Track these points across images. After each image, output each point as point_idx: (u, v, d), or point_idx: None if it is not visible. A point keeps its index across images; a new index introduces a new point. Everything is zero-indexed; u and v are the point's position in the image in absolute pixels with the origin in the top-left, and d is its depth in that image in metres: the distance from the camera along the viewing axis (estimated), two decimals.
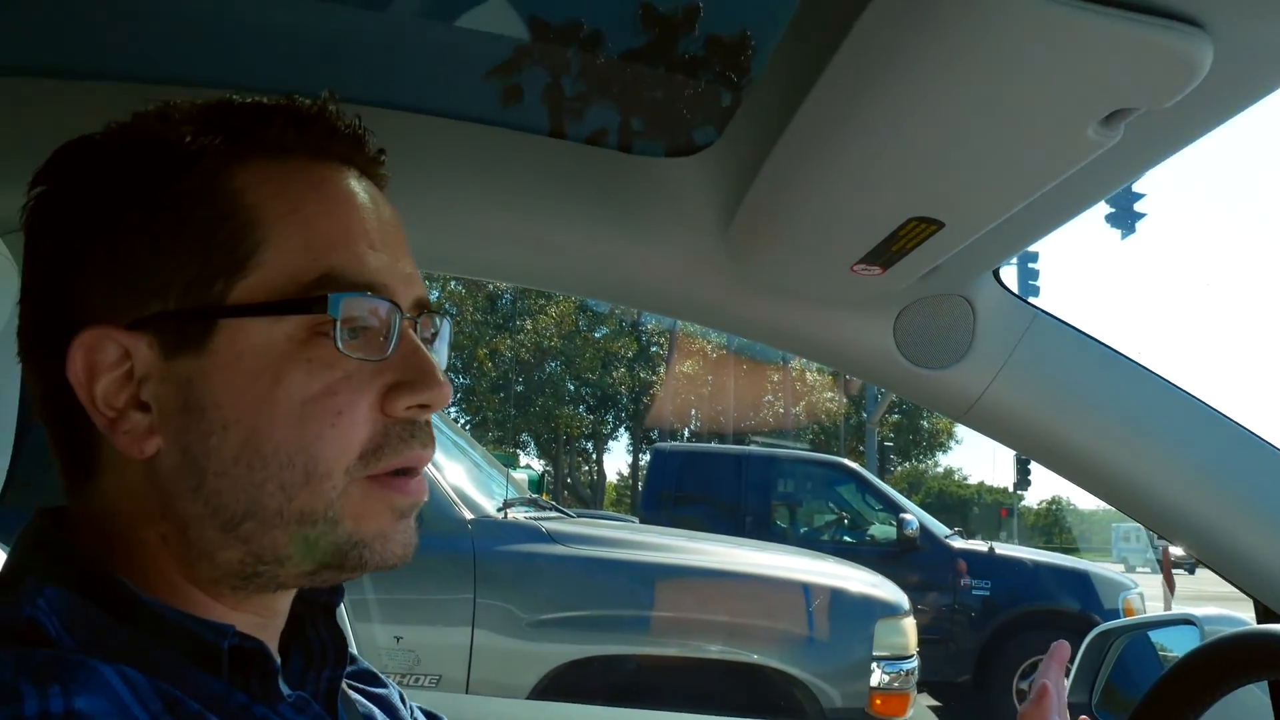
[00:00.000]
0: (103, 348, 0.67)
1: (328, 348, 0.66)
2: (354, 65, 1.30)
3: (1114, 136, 0.76)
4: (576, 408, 29.97)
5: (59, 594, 0.64)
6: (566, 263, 1.30)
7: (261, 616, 0.73)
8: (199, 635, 0.65)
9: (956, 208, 0.93)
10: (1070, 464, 1.31)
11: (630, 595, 4.21)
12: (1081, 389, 1.28)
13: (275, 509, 0.66)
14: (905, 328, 1.27)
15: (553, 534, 4.31)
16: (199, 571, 0.69)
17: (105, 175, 0.69)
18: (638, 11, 1.14)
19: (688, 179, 1.18)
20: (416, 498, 0.71)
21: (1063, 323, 1.29)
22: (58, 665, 0.59)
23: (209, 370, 0.66)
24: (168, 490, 0.67)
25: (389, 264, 0.71)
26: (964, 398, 1.29)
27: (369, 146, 0.74)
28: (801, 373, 29.99)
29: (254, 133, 0.70)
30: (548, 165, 1.23)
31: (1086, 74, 0.70)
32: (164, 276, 0.66)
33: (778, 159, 0.98)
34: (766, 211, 1.08)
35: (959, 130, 0.80)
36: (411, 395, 0.69)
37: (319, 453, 0.66)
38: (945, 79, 0.74)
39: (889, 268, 1.09)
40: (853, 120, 0.84)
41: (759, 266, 1.20)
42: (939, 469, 36.89)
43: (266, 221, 0.67)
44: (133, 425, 0.67)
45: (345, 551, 0.68)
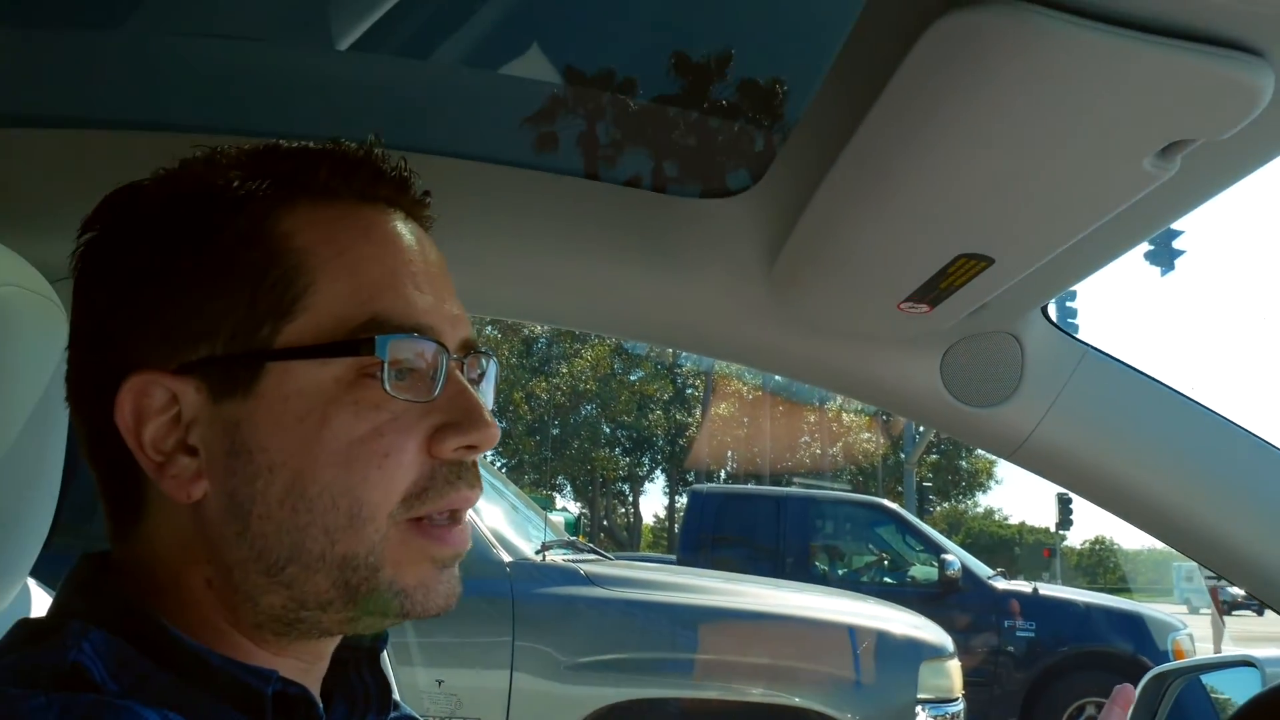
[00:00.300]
0: (150, 392, 0.67)
1: (375, 390, 0.66)
2: (392, 111, 1.31)
3: (1170, 169, 0.75)
4: (612, 450, 29.96)
5: (104, 638, 0.64)
6: (608, 305, 1.30)
7: (305, 661, 0.72)
8: (243, 681, 0.65)
9: (1008, 244, 0.92)
10: (1123, 502, 1.29)
11: (670, 638, 4.17)
12: (1134, 426, 1.26)
13: (318, 553, 0.66)
14: (952, 366, 1.26)
15: (591, 576, 4.29)
16: (243, 616, 0.68)
17: (153, 221, 0.69)
18: (676, 60, 1.15)
19: (730, 220, 1.17)
20: (457, 549, 0.70)
21: (1113, 359, 1.27)
22: (101, 709, 0.58)
23: (256, 413, 0.66)
24: (213, 534, 0.67)
25: (435, 306, 0.71)
26: (1013, 436, 1.27)
27: (414, 189, 0.74)
28: (838, 413, 29.83)
29: (301, 177, 0.70)
30: (588, 208, 1.23)
31: (1144, 106, 0.68)
32: (212, 320, 0.67)
33: (822, 199, 0.98)
34: (811, 252, 1.07)
35: (1011, 166, 0.79)
36: (459, 436, 0.68)
37: (364, 495, 0.65)
38: (997, 113, 0.73)
39: (936, 305, 1.07)
40: (901, 159, 0.83)
41: (803, 307, 1.19)
42: (979, 509, 36.47)
43: (314, 265, 0.67)
44: (180, 469, 0.67)
45: (387, 600, 0.67)
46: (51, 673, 0.61)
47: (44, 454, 0.92)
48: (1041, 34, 0.64)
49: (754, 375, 29.71)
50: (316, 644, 0.72)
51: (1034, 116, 0.71)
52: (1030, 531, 35.03)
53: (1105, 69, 0.65)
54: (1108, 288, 55.65)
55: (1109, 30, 0.63)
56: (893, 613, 4.74)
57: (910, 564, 8.96)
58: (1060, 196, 0.82)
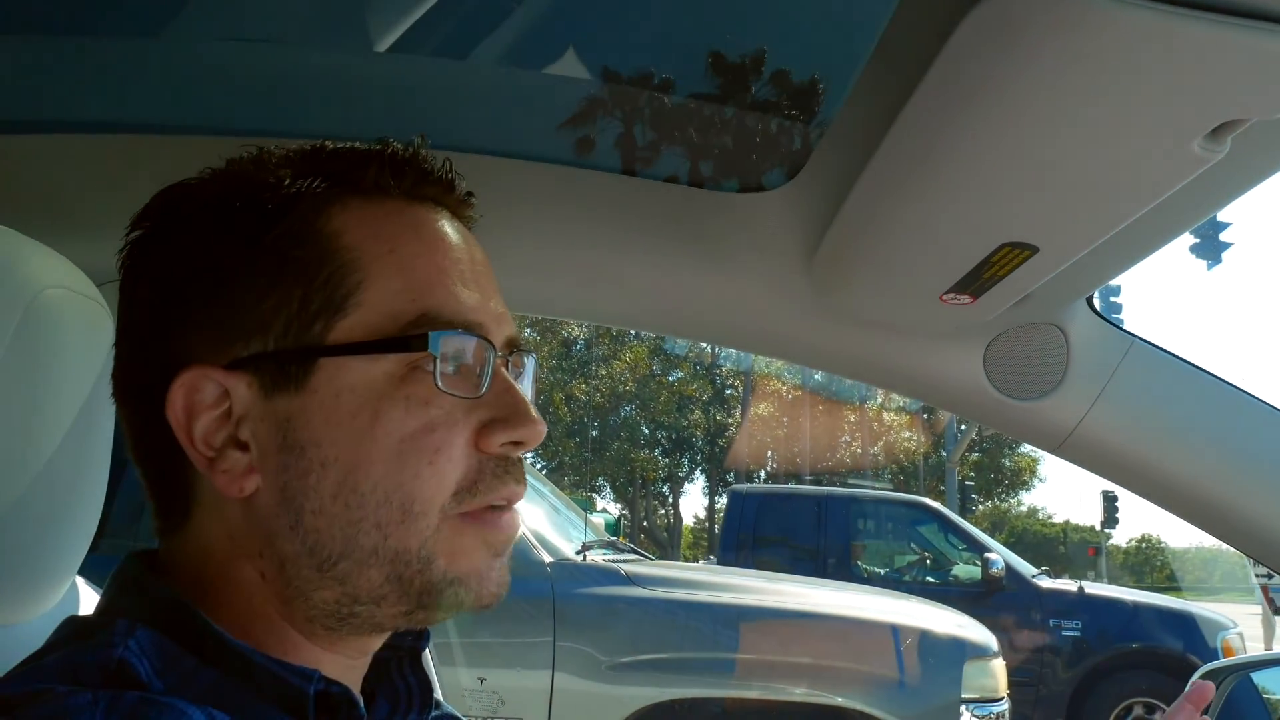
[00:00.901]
0: (202, 388, 0.67)
1: (426, 385, 0.66)
2: (431, 111, 1.32)
3: (1221, 150, 0.73)
4: (652, 451, 29.93)
5: (149, 636, 0.64)
6: (648, 302, 1.29)
7: (352, 658, 0.72)
8: (285, 679, 0.65)
9: (1052, 232, 0.91)
10: (1173, 495, 1.26)
11: (711, 637, 4.16)
12: (1183, 417, 1.24)
13: (371, 548, 0.66)
14: (996, 358, 1.24)
15: (632, 576, 4.29)
16: (295, 610, 0.69)
17: (202, 218, 0.70)
18: (713, 57, 1.14)
19: (770, 214, 1.17)
20: (510, 533, 0.71)
21: (1161, 349, 1.25)
22: (145, 706, 0.59)
23: (308, 409, 0.66)
24: (265, 529, 0.68)
25: (482, 303, 0.71)
26: (1059, 429, 1.25)
27: (459, 189, 0.75)
28: (879, 412, 29.64)
29: (350, 176, 0.71)
30: (628, 204, 1.23)
31: (1193, 85, 0.67)
32: (264, 317, 0.67)
33: (862, 191, 0.97)
34: (852, 244, 1.06)
35: (1056, 151, 0.78)
36: (506, 432, 0.69)
37: (416, 491, 0.66)
38: (1041, 98, 0.72)
39: (980, 296, 1.06)
40: (942, 148, 0.82)
41: (844, 299, 1.18)
42: (1022, 508, 36.09)
43: (365, 262, 0.68)
44: (231, 464, 0.67)
45: (441, 590, 0.68)
46: (98, 670, 0.62)
47: (91, 453, 0.93)
48: (1084, 13, 0.63)
49: (793, 374, 29.60)
50: (367, 640, 0.73)
51: (1078, 99, 0.70)
52: (1075, 530, 34.63)
53: (1152, 48, 0.64)
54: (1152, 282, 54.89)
55: (1154, 7, 0.62)
56: (936, 611, 4.70)
57: (953, 563, 8.88)
58: (1107, 182, 0.81)
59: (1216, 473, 1.23)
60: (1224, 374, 1.24)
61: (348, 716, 0.67)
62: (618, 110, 1.20)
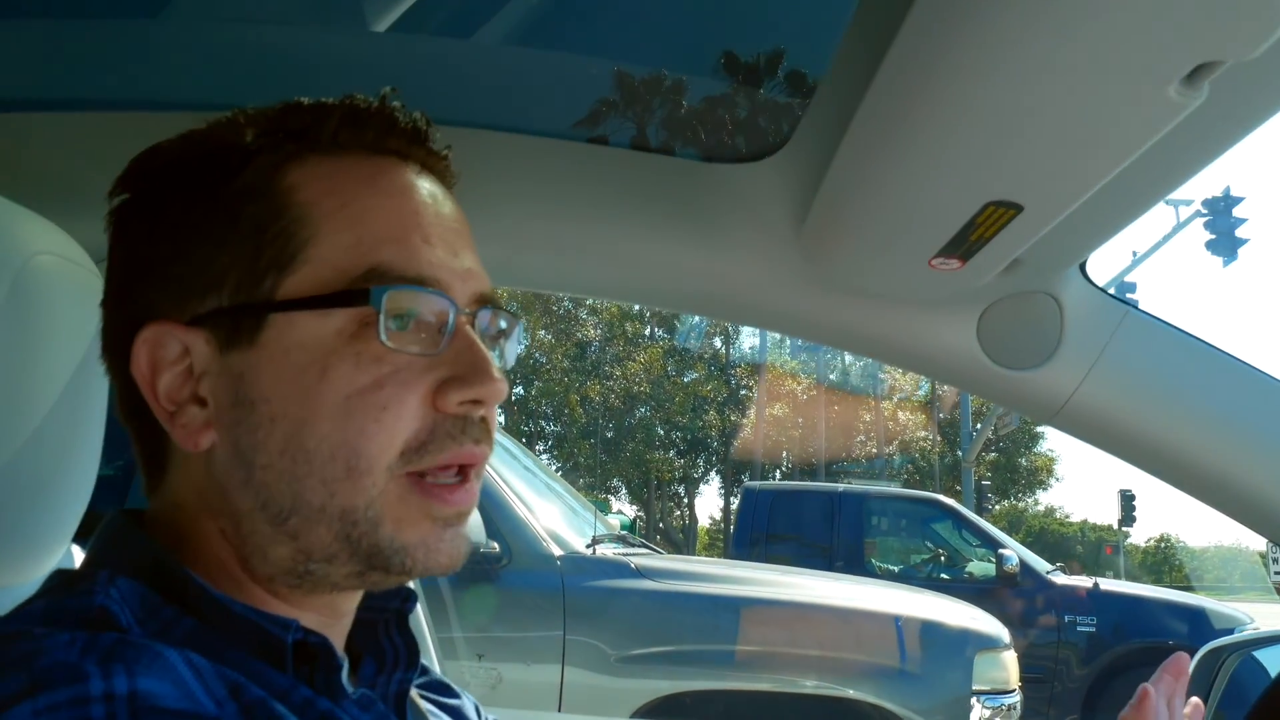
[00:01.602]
0: (164, 344, 0.69)
1: (377, 342, 0.66)
2: (427, 87, 1.33)
3: (1198, 96, 0.73)
4: (667, 452, 29.92)
5: (131, 586, 0.65)
6: (641, 273, 1.30)
7: (325, 617, 0.73)
8: (264, 629, 0.66)
9: (1036, 188, 0.90)
10: (1169, 465, 1.26)
11: (721, 629, 4.15)
12: (1179, 387, 1.23)
13: (318, 505, 0.66)
14: (989, 328, 1.24)
15: (641, 569, 4.29)
16: (255, 567, 0.69)
17: (167, 177, 0.71)
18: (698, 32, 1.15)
19: (760, 184, 1.17)
20: (460, 508, 0.69)
21: (1156, 319, 1.25)
22: (123, 647, 0.59)
23: (259, 364, 0.67)
24: (222, 482, 0.68)
25: (445, 259, 0.70)
26: (1053, 399, 1.25)
27: (430, 141, 0.74)
28: (894, 411, 29.57)
29: (311, 132, 0.71)
30: (617, 176, 1.24)
31: (1165, 27, 0.67)
32: (220, 273, 0.68)
33: (846, 155, 0.97)
34: (839, 211, 1.06)
35: (1032, 103, 0.78)
36: (463, 390, 0.68)
37: (361, 447, 0.66)
38: (1013, 49, 0.72)
39: (968, 260, 1.06)
40: (920, 106, 0.82)
41: (834, 268, 1.18)
42: (1039, 507, 35.92)
43: (317, 217, 0.68)
44: (189, 419, 0.68)
45: (388, 556, 0.67)
46: (78, 615, 0.63)
47: (84, 419, 0.94)
48: None
49: (808, 374, 29.54)
50: (332, 599, 0.73)
51: (1049, 46, 0.70)
52: (1093, 529, 34.47)
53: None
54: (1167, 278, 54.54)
55: None
56: (947, 604, 4.68)
57: (967, 559, 8.85)
58: (1086, 133, 0.80)
59: (1214, 442, 1.22)
60: (1220, 343, 1.24)
61: (326, 667, 0.68)
62: (607, 84, 1.21)
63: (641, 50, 1.19)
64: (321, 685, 0.67)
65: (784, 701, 4.10)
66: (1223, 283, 66.43)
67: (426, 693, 0.88)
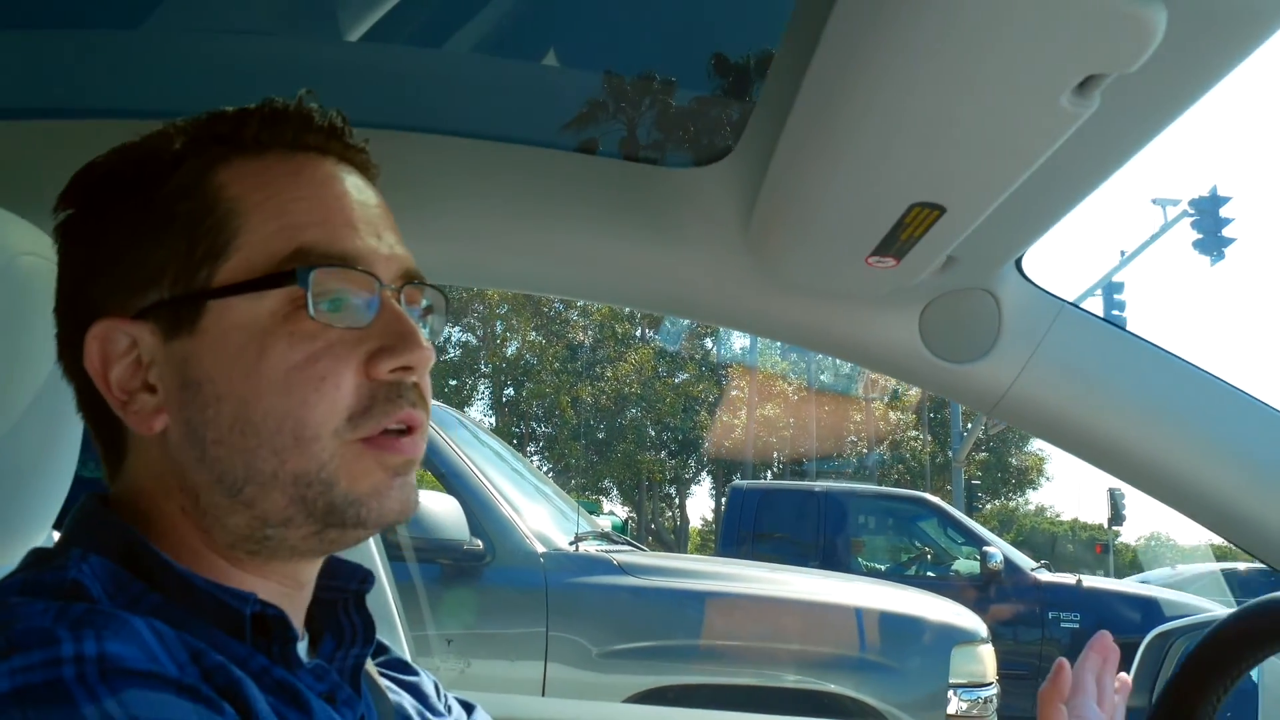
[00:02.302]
0: (113, 338, 0.75)
1: (308, 319, 0.72)
2: (403, 93, 1.38)
3: (1089, 106, 0.79)
4: (658, 453, 29.95)
5: (102, 562, 0.71)
6: (596, 272, 1.35)
7: (285, 586, 0.79)
8: (224, 601, 0.72)
9: (955, 191, 0.96)
10: (1102, 453, 1.32)
11: (703, 625, 4.21)
12: (1111, 378, 1.29)
13: (270, 472, 0.72)
14: (931, 323, 1.30)
15: (624, 565, 4.34)
16: (215, 538, 0.75)
17: (104, 187, 0.77)
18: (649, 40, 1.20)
19: (710, 187, 1.23)
20: (409, 455, 0.75)
21: (1089, 313, 1.31)
22: (92, 615, 0.65)
23: (201, 349, 0.73)
24: (178, 462, 0.74)
25: (368, 240, 0.76)
26: (993, 391, 1.31)
27: (346, 135, 0.80)
28: (885, 412, 29.65)
29: (234, 135, 0.77)
30: (573, 180, 1.29)
31: (1050, 42, 0.73)
32: (157, 268, 0.74)
33: (782, 159, 1.03)
34: (779, 211, 1.12)
35: (942, 111, 0.83)
36: (392, 358, 0.74)
37: (305, 417, 0.71)
38: (919, 61, 0.77)
39: (902, 258, 1.11)
40: (842, 112, 0.88)
41: (780, 267, 1.23)
42: (1029, 506, 36.01)
43: (245, 209, 0.74)
44: (141, 405, 0.74)
45: (343, 510, 0.73)
46: (53, 587, 0.69)
47: (64, 412, 0.99)
48: None
49: (798, 375, 29.60)
50: (294, 567, 0.79)
51: (951, 60, 0.76)
52: (1083, 528, 34.52)
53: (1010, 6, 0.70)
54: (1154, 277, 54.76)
55: None
56: (925, 599, 4.74)
57: (953, 558, 8.92)
58: (993, 139, 0.86)
59: (1144, 431, 1.28)
60: (1153, 338, 1.30)
61: (282, 638, 0.73)
62: (561, 90, 1.27)
63: (594, 59, 1.25)
64: (278, 655, 0.73)
65: (765, 695, 4.15)
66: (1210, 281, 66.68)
67: (386, 670, 0.94)
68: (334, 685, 0.77)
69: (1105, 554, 26.53)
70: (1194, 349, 8.91)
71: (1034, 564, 8.52)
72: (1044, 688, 1.00)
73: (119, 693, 0.61)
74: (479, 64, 1.39)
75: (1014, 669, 6.70)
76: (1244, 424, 1.26)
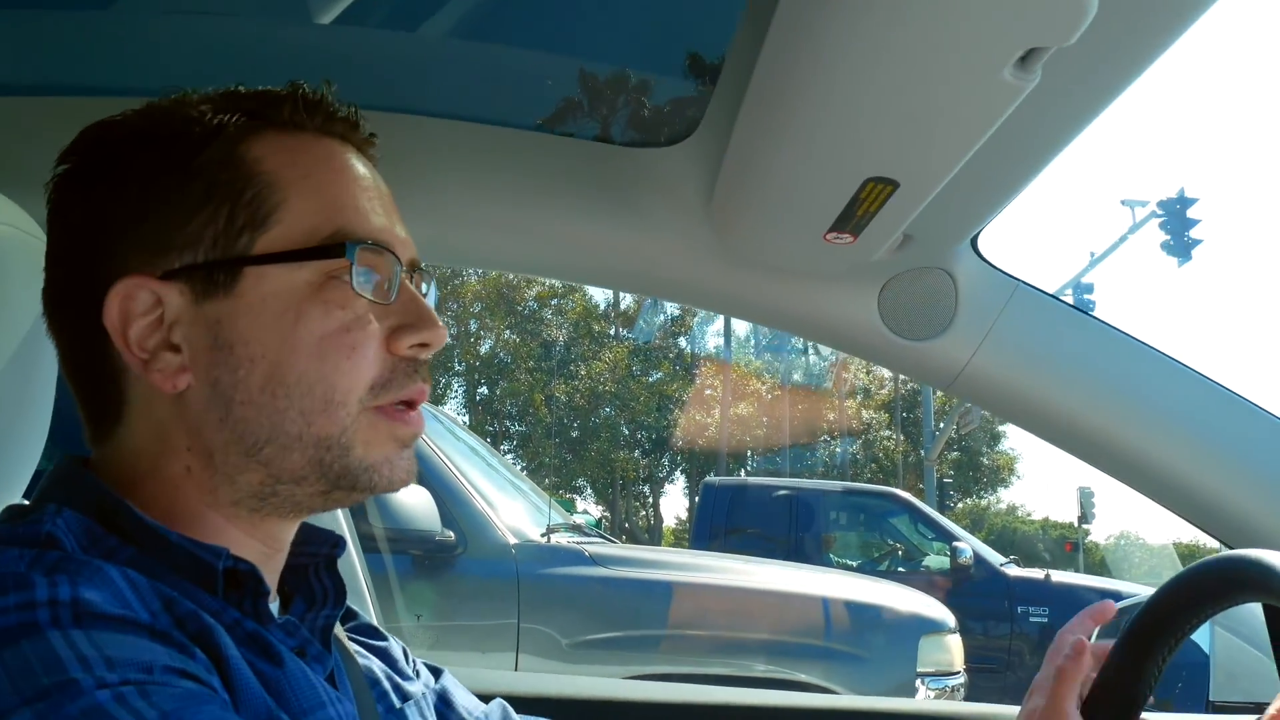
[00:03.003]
0: (136, 296, 0.76)
1: (342, 291, 0.76)
2: (375, 75, 1.40)
3: (1031, 79, 0.82)
4: (632, 452, 29.98)
5: (76, 517, 0.73)
6: (563, 251, 1.38)
7: (268, 547, 0.81)
8: (196, 555, 0.74)
9: (907, 166, 0.99)
10: (1056, 430, 1.35)
11: (673, 615, 4.24)
12: (1063, 356, 1.33)
13: (295, 433, 0.75)
14: (889, 301, 1.33)
15: (595, 557, 4.37)
16: (221, 495, 0.77)
17: (133, 148, 0.79)
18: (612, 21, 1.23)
19: (674, 167, 1.25)
20: (417, 429, 0.81)
21: (1043, 293, 1.34)
22: (66, 562, 0.67)
23: (237, 312, 0.75)
24: (195, 422, 0.76)
25: (388, 226, 0.81)
26: (949, 368, 1.34)
27: (363, 129, 0.85)
28: (858, 410, 29.80)
29: (267, 112, 0.80)
30: (541, 160, 1.31)
31: (990, 17, 0.76)
32: (194, 232, 0.76)
33: (741, 137, 1.06)
34: (740, 188, 1.15)
35: (891, 86, 0.86)
36: (413, 335, 0.78)
37: (336, 382, 0.75)
38: (866, 37, 0.80)
39: (859, 234, 1.14)
40: (796, 90, 0.91)
41: (741, 242, 1.26)
42: (1001, 505, 36.26)
43: (284, 185, 0.78)
44: (165, 364, 0.76)
45: (356, 474, 0.77)
46: (28, 539, 0.71)
47: (35, 378, 1.00)
48: None
49: (773, 374, 29.70)
50: (281, 527, 0.82)
51: (897, 35, 0.79)
52: (1054, 527, 34.78)
53: None
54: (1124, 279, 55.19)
55: None
56: (894, 589, 4.80)
57: (924, 553, 8.99)
58: (940, 113, 0.89)
59: (1098, 408, 1.32)
60: (1105, 316, 1.34)
61: (254, 592, 0.75)
62: (525, 71, 1.29)
63: (559, 41, 1.27)
64: (249, 609, 0.75)
65: (735, 685, 4.18)
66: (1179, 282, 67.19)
67: (355, 635, 0.96)
68: (304, 640, 0.79)
69: (1075, 552, 26.76)
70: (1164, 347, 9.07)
71: (1003, 559, 8.60)
72: (1063, 664, 1.01)
73: (93, 635, 0.63)
74: (446, 45, 1.41)
75: (984, 663, 6.77)
76: (1194, 401, 1.30)
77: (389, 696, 0.93)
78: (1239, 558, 0.95)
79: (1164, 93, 67.12)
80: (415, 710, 0.96)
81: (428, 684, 1.02)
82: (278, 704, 0.71)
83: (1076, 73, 0.88)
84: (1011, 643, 7.90)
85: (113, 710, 0.60)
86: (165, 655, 0.64)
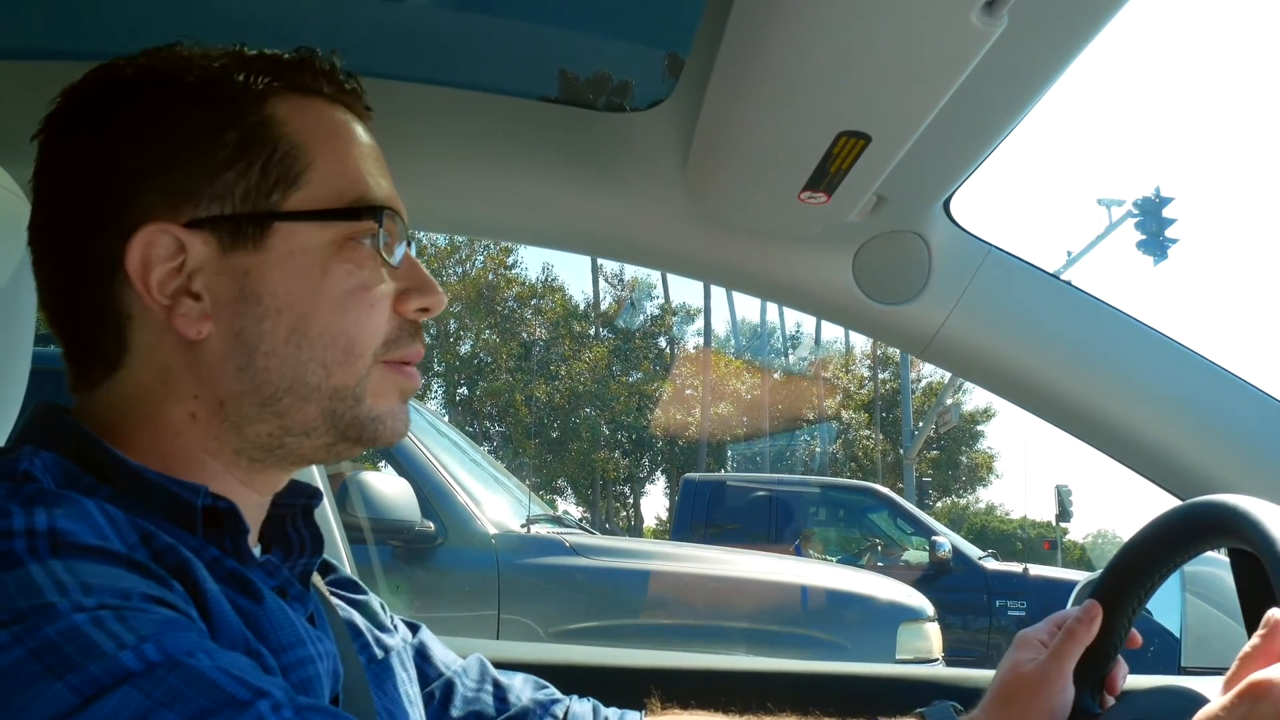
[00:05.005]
0: (158, 242, 0.76)
1: (361, 252, 0.79)
2: (356, 40, 1.40)
3: (998, 24, 0.83)
4: (613, 452, 30.00)
5: (53, 457, 0.73)
6: (540, 217, 1.39)
7: (262, 495, 0.83)
8: (175, 494, 0.74)
9: (879, 117, 1.00)
10: (1028, 394, 1.37)
11: (653, 604, 4.25)
12: (1035, 320, 1.34)
13: (315, 384, 0.78)
14: (863, 265, 1.34)
15: (575, 547, 4.37)
16: (225, 444, 0.78)
17: (158, 92, 0.78)
18: None
19: (650, 131, 1.26)
20: (416, 383, 0.85)
21: (1016, 257, 1.35)
22: (43, 494, 0.68)
23: (265, 264, 0.77)
24: (210, 371, 0.77)
25: (394, 194, 0.85)
26: (923, 332, 1.36)
27: (363, 100, 0.87)
28: (838, 410, 29.91)
29: (285, 75, 0.81)
30: (517, 125, 1.32)
31: None
32: (225, 185, 0.77)
33: (714, 97, 1.07)
34: (714, 149, 1.16)
35: (861, 35, 0.87)
36: (420, 298, 0.82)
37: (356, 336, 0.79)
38: None
39: (833, 194, 1.16)
40: (766, 46, 0.92)
41: (715, 205, 1.27)
42: (980, 504, 36.46)
43: (310, 147, 0.80)
44: (187, 310, 0.76)
45: (363, 425, 0.80)
46: (4, 474, 0.71)
47: (13, 330, 1.01)
48: None
49: (752, 373, 29.75)
50: (279, 474, 0.83)
51: None
52: (1032, 525, 35.00)
53: None
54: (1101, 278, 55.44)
55: None
56: (872, 578, 4.82)
57: (904, 548, 9.03)
58: (910, 61, 0.90)
59: (1068, 371, 1.33)
60: (1075, 280, 1.35)
61: (234, 530, 0.76)
62: (499, 36, 1.29)
63: (533, 7, 1.28)
64: (229, 546, 0.76)
65: None
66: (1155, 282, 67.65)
67: (335, 589, 0.97)
68: (285, 581, 0.80)
69: (1054, 550, 26.94)
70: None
71: (981, 553, 8.65)
72: (1074, 626, 1.01)
73: (70, 563, 0.63)
74: (421, 11, 1.41)
75: (963, 655, 6.81)
76: (1160, 364, 1.32)
77: (371, 648, 0.94)
78: (1202, 503, 0.95)
79: (1139, 91, 67.61)
80: (397, 660, 0.97)
81: (405, 638, 1.03)
82: (256, 638, 0.71)
83: (1041, 23, 0.89)
84: (990, 636, 7.94)
85: (90, 633, 0.60)
86: (142, 584, 0.65)
